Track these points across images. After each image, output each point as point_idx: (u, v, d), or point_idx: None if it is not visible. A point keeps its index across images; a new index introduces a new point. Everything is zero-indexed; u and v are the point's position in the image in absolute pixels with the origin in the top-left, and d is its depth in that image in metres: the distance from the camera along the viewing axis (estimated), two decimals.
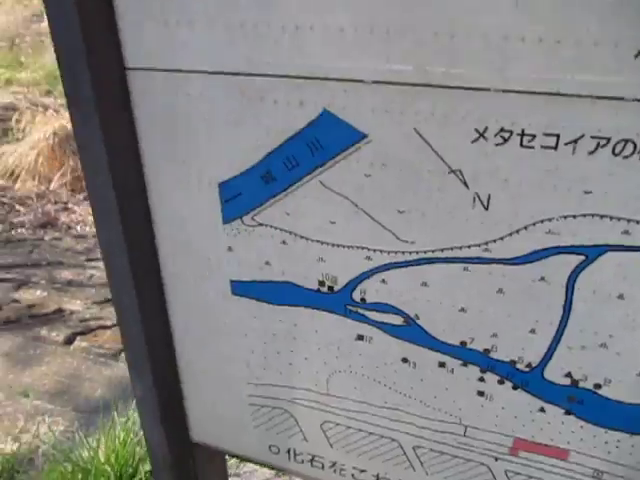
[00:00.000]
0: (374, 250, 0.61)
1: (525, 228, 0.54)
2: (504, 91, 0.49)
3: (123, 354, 2.40)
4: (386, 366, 0.68)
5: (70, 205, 6.84)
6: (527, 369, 0.61)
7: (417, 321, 0.63)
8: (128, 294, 0.72)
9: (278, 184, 0.61)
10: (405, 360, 0.66)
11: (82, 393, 2.15)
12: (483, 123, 0.51)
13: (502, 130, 0.50)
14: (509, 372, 0.62)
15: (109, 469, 1.60)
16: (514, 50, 0.47)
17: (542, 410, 0.63)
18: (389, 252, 0.60)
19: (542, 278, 0.56)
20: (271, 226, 0.64)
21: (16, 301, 2.98)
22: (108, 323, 2.72)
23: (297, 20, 0.52)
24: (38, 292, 3.30)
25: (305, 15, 0.51)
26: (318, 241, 0.62)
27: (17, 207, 6.18)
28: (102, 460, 1.68)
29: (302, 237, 0.63)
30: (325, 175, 0.58)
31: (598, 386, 0.59)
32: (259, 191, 0.62)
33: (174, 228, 0.69)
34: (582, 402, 0.61)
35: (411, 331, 0.64)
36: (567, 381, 0.60)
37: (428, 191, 0.55)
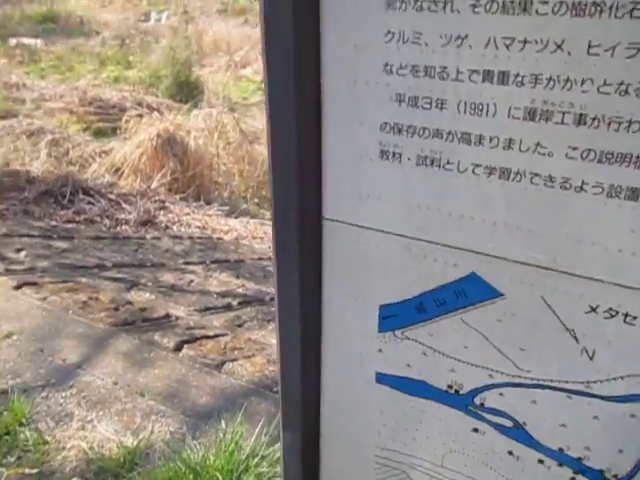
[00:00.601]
0: (496, 371, 0.79)
1: (621, 378, 0.71)
2: (614, 284, 0.66)
3: (225, 366, 2.68)
4: (494, 454, 0.86)
5: (167, 204, 7.35)
6: (613, 478, 0.77)
7: (524, 427, 0.81)
8: (295, 370, 0.94)
9: (427, 314, 0.80)
10: (510, 453, 0.84)
11: (189, 399, 2.44)
12: (595, 302, 0.68)
13: (610, 309, 0.68)
14: (597, 478, 0.79)
15: (219, 475, 1.86)
16: (626, 259, 0.64)
17: None
18: (508, 374, 0.78)
19: (632, 415, 0.72)
20: (416, 340, 0.83)
21: (130, 303, 3.35)
22: (210, 333, 3.02)
23: (461, 211, 0.71)
24: (147, 295, 3.68)
25: (468, 209, 0.71)
26: (452, 357, 0.82)
27: (123, 204, 6.74)
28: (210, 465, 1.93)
29: (440, 352, 0.82)
30: (465, 314, 0.77)
31: None
32: (411, 316, 0.82)
33: (338, 329, 0.90)
34: None
35: (518, 433, 0.82)
36: None
37: (546, 339, 0.73)
